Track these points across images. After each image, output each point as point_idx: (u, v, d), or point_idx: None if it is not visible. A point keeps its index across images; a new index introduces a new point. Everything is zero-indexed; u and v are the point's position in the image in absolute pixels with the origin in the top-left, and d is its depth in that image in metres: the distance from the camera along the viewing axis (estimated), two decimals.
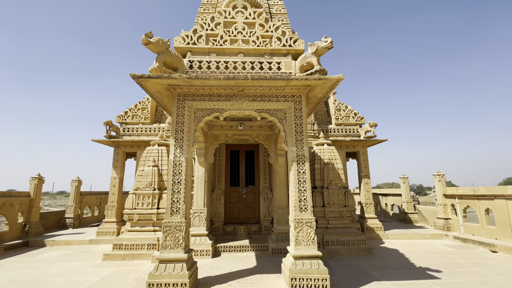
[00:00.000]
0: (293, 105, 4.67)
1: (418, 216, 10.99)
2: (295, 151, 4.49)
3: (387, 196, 12.97)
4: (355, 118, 9.79)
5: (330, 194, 7.16)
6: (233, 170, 7.68)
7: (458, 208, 8.60)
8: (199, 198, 6.36)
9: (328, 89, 4.66)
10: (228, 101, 4.63)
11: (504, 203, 6.99)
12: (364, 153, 9.58)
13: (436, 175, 9.68)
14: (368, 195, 9.24)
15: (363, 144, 9.57)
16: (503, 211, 7.02)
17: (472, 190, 8.22)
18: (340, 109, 9.88)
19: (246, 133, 6.81)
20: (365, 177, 9.38)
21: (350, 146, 9.56)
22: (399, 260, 6.09)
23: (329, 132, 9.55)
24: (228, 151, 7.68)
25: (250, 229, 7.08)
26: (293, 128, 4.58)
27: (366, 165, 9.48)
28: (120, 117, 9.87)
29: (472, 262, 5.80)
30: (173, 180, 4.29)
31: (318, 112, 10.32)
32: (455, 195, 8.75)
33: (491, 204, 7.42)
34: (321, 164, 7.56)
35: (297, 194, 4.35)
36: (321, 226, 7.02)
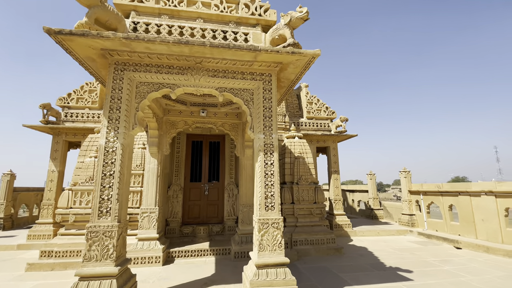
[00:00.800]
0: (261, 85, 3.88)
1: (383, 212, 10.98)
2: (262, 138, 3.71)
3: (354, 193, 12.90)
4: (326, 112, 9.35)
5: (300, 190, 6.55)
6: (195, 163, 6.70)
7: (423, 204, 8.58)
8: (149, 196, 5.31)
9: (302, 68, 3.94)
10: (182, 74, 3.69)
11: (468, 200, 6.97)
12: (334, 148, 9.19)
13: (402, 171, 9.64)
14: (337, 191, 8.86)
15: (333, 139, 9.17)
16: (466, 208, 7.00)
17: (436, 186, 8.21)
18: (312, 102, 9.37)
19: (209, 121, 5.88)
20: (334, 173, 8.99)
21: (321, 140, 9.10)
22: (369, 259, 5.68)
23: (301, 126, 8.98)
24: (190, 141, 6.68)
25: (211, 229, 6.19)
26: (261, 112, 3.79)
27: (336, 161, 9.10)
28: (61, 100, 8.31)
29: (440, 260, 5.57)
30: (103, 172, 3.25)
31: (290, 104, 9.71)
32: (420, 192, 8.72)
33: (455, 200, 7.41)
34: (292, 158, 6.92)
35: (263, 189, 3.58)
36: (290, 225, 6.38)
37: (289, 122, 7.87)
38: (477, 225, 6.68)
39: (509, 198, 5.96)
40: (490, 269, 4.89)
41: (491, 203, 6.37)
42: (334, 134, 8.91)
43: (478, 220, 6.66)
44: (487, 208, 6.44)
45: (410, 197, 9.15)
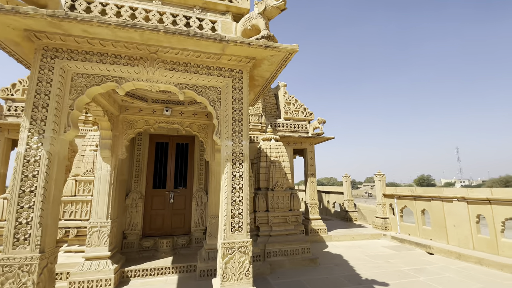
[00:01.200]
0: (231, 83, 3.29)
1: (358, 215, 10.94)
2: (230, 146, 3.14)
3: (330, 194, 12.80)
4: (304, 113, 8.99)
5: (275, 197, 6.09)
6: (159, 167, 5.95)
7: (396, 208, 8.54)
8: (100, 207, 4.52)
9: (278, 65, 3.42)
10: (132, 66, 3.00)
11: (440, 205, 6.95)
12: (311, 151, 8.86)
13: (377, 174, 9.59)
14: (314, 195, 8.56)
15: (311, 141, 8.84)
16: (439, 213, 6.99)
17: (410, 190, 8.19)
18: (290, 102, 8.95)
19: (175, 120, 5.18)
20: (311, 176, 8.68)
21: (298, 142, 8.73)
22: (344, 270, 5.38)
23: (278, 127, 8.53)
24: (153, 143, 5.91)
25: (176, 242, 5.52)
26: (229, 114, 3.21)
27: (313, 163, 8.79)
28: (4, 92, 7.11)
29: (415, 269, 5.41)
30: (21, 187, 2.50)
31: (267, 104, 9.22)
32: (393, 195, 8.68)
33: (427, 205, 7.39)
34: (267, 162, 6.42)
35: (230, 207, 3.03)
36: (263, 234, 5.90)
37: (265, 123, 7.38)
38: (449, 231, 6.67)
39: (481, 204, 5.97)
40: (465, 279, 4.77)
41: (463, 209, 6.36)
42: (311, 136, 8.58)
43: (450, 226, 6.66)
44: (459, 214, 6.44)
45: (384, 201, 9.10)
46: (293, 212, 6.10)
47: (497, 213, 5.64)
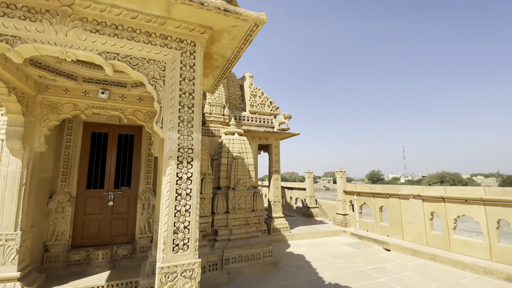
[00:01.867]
0: (179, 57, 2.52)
1: (319, 210, 10.90)
2: (176, 139, 2.39)
3: (293, 190, 12.63)
4: (270, 107, 8.46)
5: (236, 197, 5.45)
6: (96, 163, 4.85)
7: (356, 204, 8.57)
8: (5, 215, 3.38)
9: (241, 40, 2.74)
10: (34, 21, 2.05)
11: (398, 202, 7.04)
12: (276, 147, 8.41)
13: (339, 171, 9.56)
14: (277, 192, 8.15)
15: (276, 137, 8.37)
16: (395, 210, 7.08)
17: (369, 188, 8.24)
18: (256, 95, 8.33)
19: (114, 106, 4.18)
20: (275, 173, 8.24)
21: (263, 138, 8.19)
22: (307, 273, 5.01)
23: (242, 120, 7.87)
24: (88, 133, 4.78)
25: (116, 253, 4.56)
26: (176, 97, 2.45)
27: (278, 160, 8.36)
28: None
29: (375, 268, 5.27)
30: None
31: (231, 95, 8.47)
32: (354, 192, 8.70)
33: (385, 202, 7.47)
34: (229, 159, 5.74)
35: (173, 219, 2.29)
36: (222, 239, 5.24)
37: (228, 115, 6.66)
38: (405, 227, 6.78)
39: (435, 202, 6.10)
40: (423, 278, 4.72)
41: (418, 207, 6.47)
42: (277, 131, 8.10)
43: (406, 222, 6.76)
44: (415, 211, 6.55)
45: (344, 197, 9.10)
46: (255, 213, 5.54)
47: (450, 211, 5.79)
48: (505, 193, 4.95)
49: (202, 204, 4.93)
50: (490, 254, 4.95)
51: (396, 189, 7.18)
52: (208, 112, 6.21)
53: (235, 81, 8.82)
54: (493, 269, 4.56)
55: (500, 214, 4.96)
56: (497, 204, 5.00)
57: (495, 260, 4.85)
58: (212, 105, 6.24)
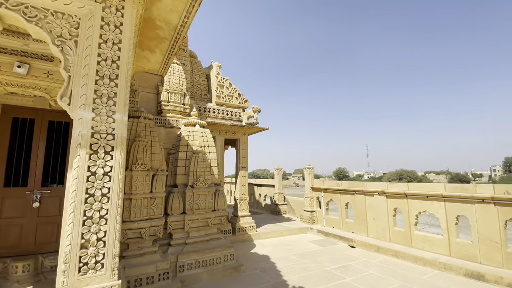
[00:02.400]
0: (100, 12, 1.87)
1: (287, 207, 10.68)
2: (89, 120, 1.75)
3: (262, 187, 12.28)
4: (238, 99, 7.92)
5: (195, 196, 4.85)
6: (17, 156, 3.91)
7: (323, 201, 8.44)
8: None
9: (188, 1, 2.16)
10: None
11: (363, 199, 6.98)
12: (244, 142, 7.91)
13: (307, 168, 9.37)
14: (244, 190, 7.67)
15: (244, 131, 7.87)
16: (361, 206, 7.01)
17: (335, 184, 8.14)
18: (223, 85, 7.73)
19: (37, 84, 3.32)
20: (242, 169, 7.74)
21: (231, 132, 7.64)
22: (271, 277, 4.61)
23: (208, 112, 7.23)
24: (8, 118, 3.81)
25: (43, 264, 3.70)
26: (92, 64, 1.80)
27: (245, 155, 7.87)
28: None
29: (341, 268, 5.06)
30: None
31: (196, 84, 7.76)
32: (321, 189, 8.56)
33: (351, 198, 7.39)
34: (188, 153, 5.10)
35: (79, 228, 1.66)
36: (177, 243, 4.62)
37: (190, 105, 5.97)
38: (369, 224, 6.73)
39: (398, 198, 6.08)
40: (386, 276, 4.58)
41: (382, 203, 6.44)
42: (245, 125, 7.60)
43: (370, 219, 6.72)
44: (379, 208, 6.51)
45: (312, 194, 8.93)
46: (217, 213, 4.99)
47: (412, 207, 5.79)
48: (464, 189, 5.01)
49: (152, 205, 4.26)
50: (449, 249, 5.00)
51: (362, 186, 7.12)
52: (166, 100, 5.48)
53: (200, 69, 8.11)
54: (452, 265, 4.57)
55: (459, 210, 5.01)
56: (456, 200, 5.04)
57: (454, 255, 4.90)
58: (170, 92, 5.52)
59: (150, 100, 5.72)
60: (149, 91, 5.73)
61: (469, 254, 4.69)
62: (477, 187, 4.85)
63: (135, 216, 4.12)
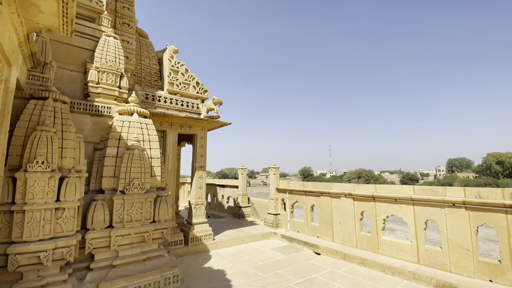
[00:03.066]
0: None
1: (251, 210, 9.90)
2: None
3: (225, 188, 11.34)
4: (197, 88, 6.88)
5: (127, 204, 3.74)
6: None
7: (288, 203, 7.82)
8: None
9: None
10: None
11: (329, 201, 6.47)
12: (203, 138, 6.90)
13: (272, 167, 8.69)
14: (201, 193, 6.66)
15: (202, 125, 6.86)
16: (327, 209, 6.50)
17: (301, 185, 7.57)
18: (178, 71, 6.62)
19: None
20: (199, 169, 6.73)
21: (186, 125, 6.57)
22: None
23: (157, 101, 6.07)
24: None
25: None
26: None
27: (204, 154, 6.86)
28: None
29: (305, 282, 4.40)
30: None
31: (144, 68, 6.52)
32: (286, 190, 7.93)
33: (317, 200, 6.85)
34: (120, 149, 3.96)
35: None
36: (100, 266, 3.49)
37: (128, 89, 4.76)
38: (335, 227, 6.24)
39: (366, 201, 5.66)
40: None
41: (349, 206, 5.98)
42: (204, 119, 6.59)
43: (336, 223, 6.23)
44: (345, 211, 6.04)
45: (277, 195, 8.27)
46: (157, 225, 3.95)
47: (380, 211, 5.39)
48: (434, 192, 4.68)
49: (60, 219, 3.09)
50: (418, 256, 4.64)
51: (328, 187, 6.61)
52: (94, 81, 4.23)
53: (152, 51, 6.88)
54: (422, 275, 4.17)
55: (428, 214, 4.68)
56: (426, 204, 4.71)
57: (423, 262, 4.54)
58: (101, 71, 4.28)
59: (75, 80, 4.42)
60: (73, 69, 4.42)
61: (438, 261, 4.35)
62: (447, 190, 4.54)
63: (31, 235, 2.93)
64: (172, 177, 6.18)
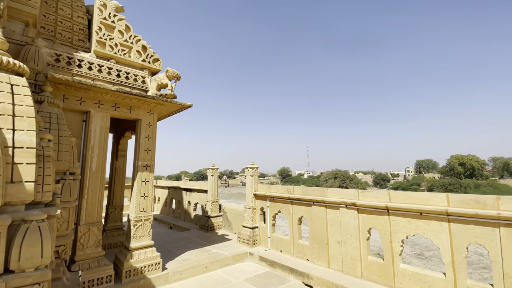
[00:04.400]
0: None
1: (222, 220, 8.02)
2: None
3: (192, 192, 9.31)
4: (143, 55, 4.88)
5: None
6: None
7: (268, 213, 6.08)
8: None
9: None
10: None
11: (323, 212, 4.82)
12: (150, 125, 4.90)
13: (250, 167, 6.89)
14: (145, 204, 4.65)
15: (150, 108, 4.87)
16: (320, 223, 4.85)
17: (286, 190, 5.86)
18: (115, 27, 4.58)
19: None
20: (144, 170, 4.71)
21: (124, 106, 4.55)
22: None
23: (78, 67, 4.01)
24: None
25: None
26: None
27: (152, 148, 4.87)
28: None
29: None
30: None
31: (63, 19, 4.40)
32: (266, 196, 6.19)
33: (307, 211, 5.18)
34: None
35: None
36: None
37: None
38: (332, 249, 4.60)
39: (376, 214, 4.08)
40: None
41: (351, 220, 4.36)
42: (151, 97, 4.62)
43: (333, 242, 4.59)
44: (346, 226, 4.42)
45: (255, 203, 6.49)
46: (12, 280, 1.95)
47: (397, 228, 3.82)
48: (480, 204, 3.18)
49: None
50: None
51: (322, 194, 4.96)
52: None
53: (78, 1, 4.75)
54: None
55: (473, 236, 3.17)
56: (469, 221, 3.20)
57: None
58: None
59: None
60: None
61: None
62: (500, 200, 3.06)
63: None
64: (97, 182, 4.12)
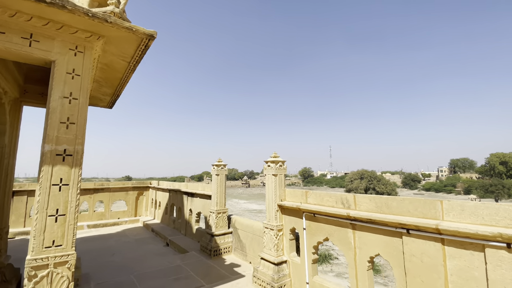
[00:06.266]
0: None
1: (232, 239, 5.47)
2: None
3: (194, 198, 6.89)
4: None
5: None
6: None
7: (305, 240, 3.44)
8: None
9: None
10: None
11: (435, 253, 2.06)
12: (77, 75, 2.47)
13: (271, 162, 4.26)
14: (60, 231, 2.21)
15: (76, 38, 2.45)
16: (426, 275, 2.09)
17: (340, 201, 3.17)
18: None
19: None
20: (60, 160, 2.29)
21: (17, 29, 2.17)
22: None
23: None
24: None
25: None
26: None
27: (78, 117, 2.43)
28: None
29: None
30: None
31: None
32: (301, 210, 3.56)
33: (390, 246, 2.46)
34: None
35: None
36: None
37: None
38: None
39: None
40: None
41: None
42: (74, 10, 2.20)
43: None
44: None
45: (281, 221, 3.88)
46: None
47: None
48: None
49: None
50: None
51: (429, 211, 2.19)
52: None
53: None
54: None
55: None
56: None
57: None
58: None
59: None
60: None
61: None
62: None
63: None
64: None
